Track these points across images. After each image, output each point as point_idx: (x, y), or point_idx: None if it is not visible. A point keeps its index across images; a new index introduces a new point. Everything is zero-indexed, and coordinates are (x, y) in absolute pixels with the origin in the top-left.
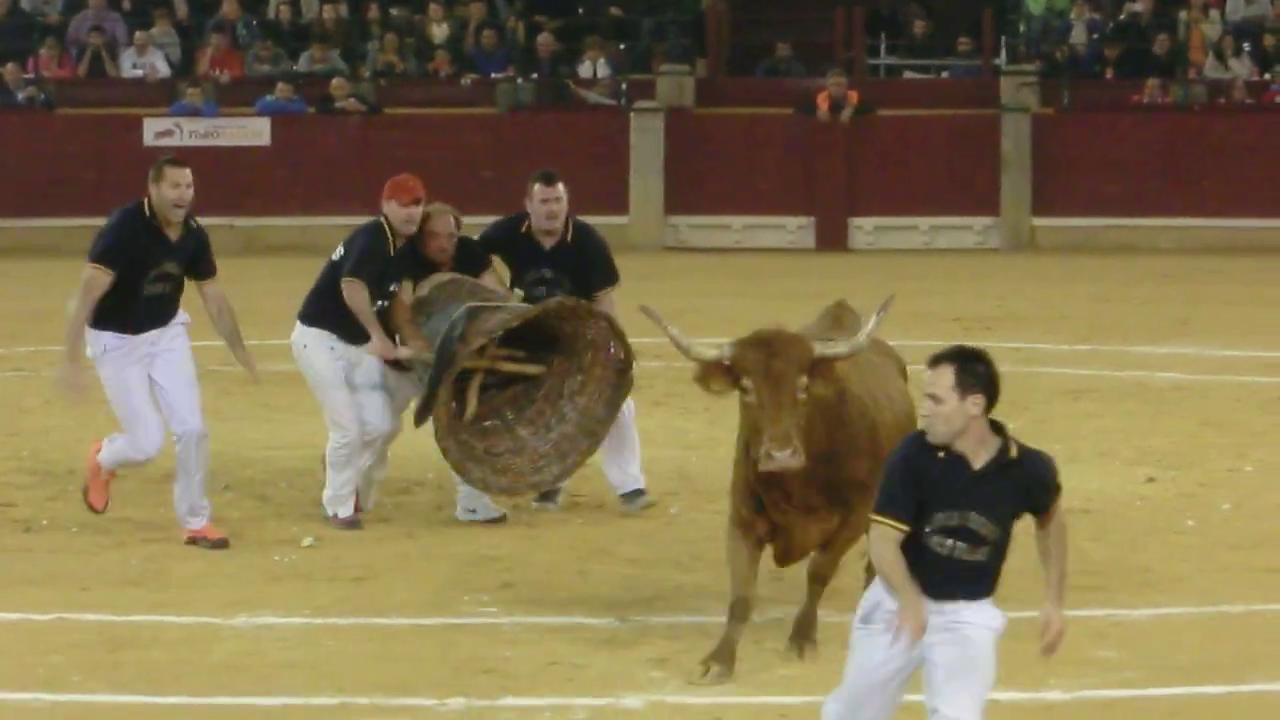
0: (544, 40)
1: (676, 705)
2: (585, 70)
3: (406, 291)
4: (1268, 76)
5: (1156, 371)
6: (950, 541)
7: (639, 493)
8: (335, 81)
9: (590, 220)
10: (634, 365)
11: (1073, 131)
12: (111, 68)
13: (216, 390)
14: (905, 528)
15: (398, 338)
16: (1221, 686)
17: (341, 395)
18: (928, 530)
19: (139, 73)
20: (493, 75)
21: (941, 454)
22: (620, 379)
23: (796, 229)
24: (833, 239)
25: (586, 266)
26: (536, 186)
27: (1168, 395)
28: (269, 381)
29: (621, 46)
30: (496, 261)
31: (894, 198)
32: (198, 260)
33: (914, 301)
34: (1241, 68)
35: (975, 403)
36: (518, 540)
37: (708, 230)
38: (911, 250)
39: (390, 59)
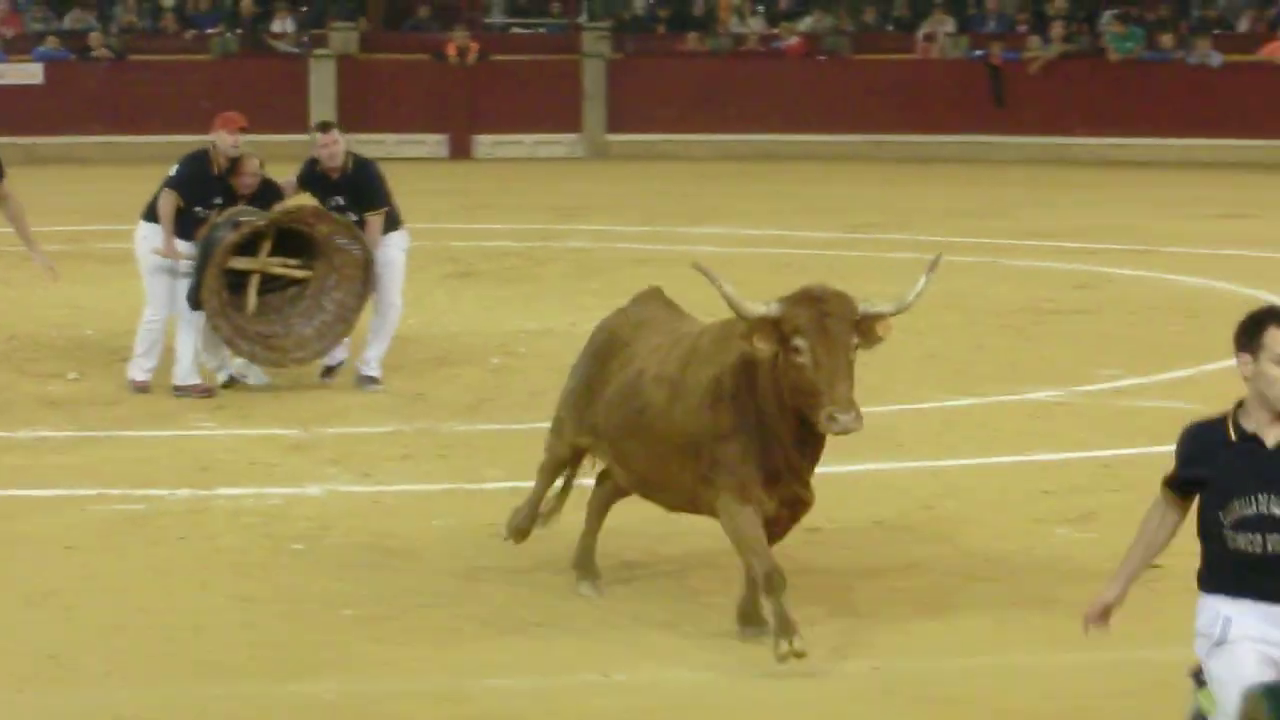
0: (245, 3)
1: (346, 493)
2: (277, 26)
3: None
4: (776, 30)
5: (698, 245)
6: (1259, 536)
7: (373, 379)
8: (92, 35)
9: (276, 139)
10: (374, 265)
11: (635, 71)
12: None
13: (6, 264)
14: (1175, 495)
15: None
16: None
17: (162, 280)
18: (1230, 527)
19: None
20: (208, 31)
21: (1234, 436)
22: (364, 274)
23: (434, 143)
24: (461, 151)
25: (362, 193)
26: (316, 135)
27: (707, 262)
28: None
29: (304, 9)
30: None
31: (506, 120)
32: None
33: (522, 197)
34: (756, 24)
35: None
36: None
37: (368, 145)
38: (519, 159)
39: (132, 19)
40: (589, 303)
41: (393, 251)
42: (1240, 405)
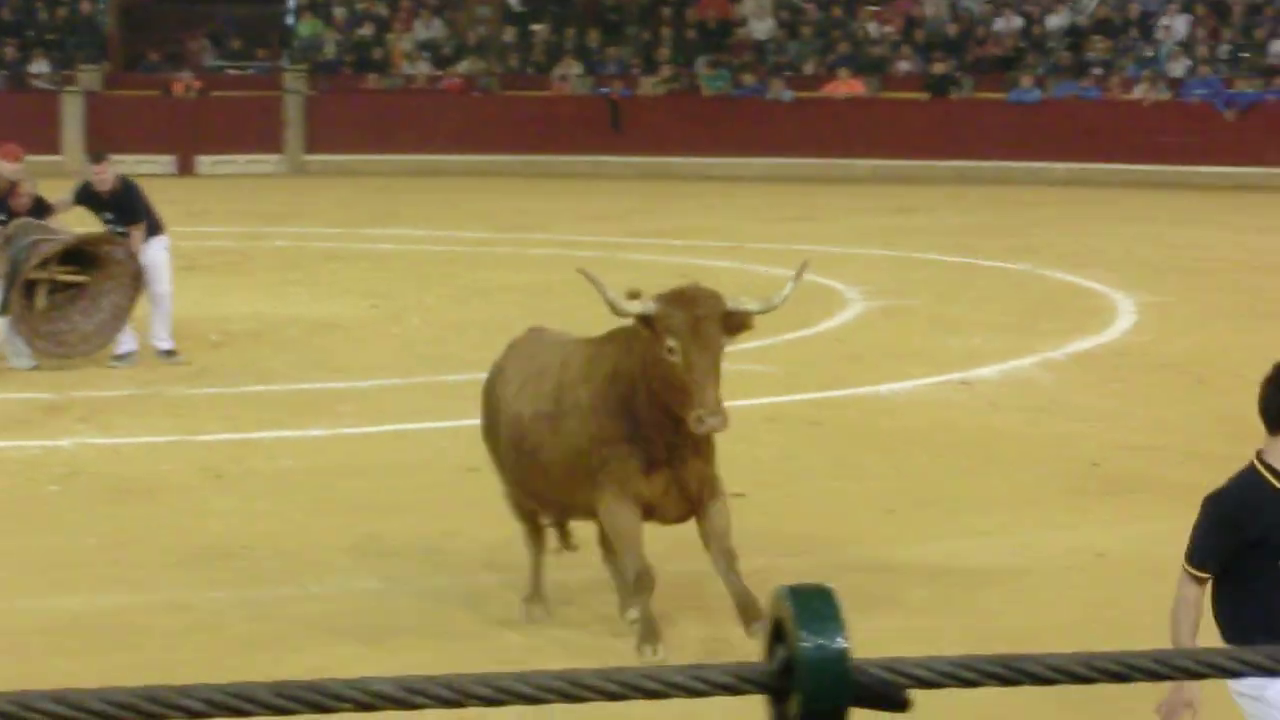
0: (9, 50)
1: (92, 444)
2: (35, 68)
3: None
4: (440, 73)
5: (378, 244)
6: None
7: (171, 352)
8: None
9: (35, 160)
10: (142, 274)
11: (328, 105)
12: None
13: None
14: (1206, 576)
15: None
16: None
17: None
18: None
19: None
20: None
21: (1277, 484)
22: (134, 281)
23: (164, 163)
24: (186, 168)
25: (127, 209)
26: (90, 165)
27: (386, 256)
28: None
29: (57, 54)
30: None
31: (222, 144)
32: None
33: (235, 205)
34: (424, 67)
35: None
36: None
37: (116, 165)
38: (233, 175)
39: None
40: (291, 291)
41: (158, 253)
42: (1260, 456)
